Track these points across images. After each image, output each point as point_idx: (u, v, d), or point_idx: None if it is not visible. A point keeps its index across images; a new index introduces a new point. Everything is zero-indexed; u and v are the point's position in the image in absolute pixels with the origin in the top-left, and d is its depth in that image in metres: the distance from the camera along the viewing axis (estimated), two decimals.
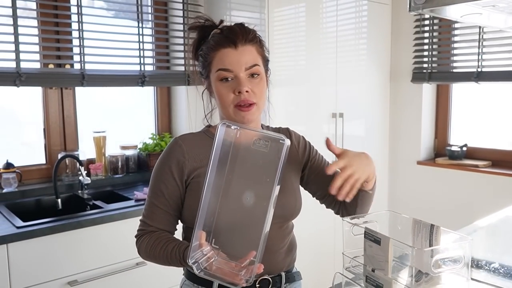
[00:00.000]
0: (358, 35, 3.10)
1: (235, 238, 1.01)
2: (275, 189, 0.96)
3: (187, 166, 1.17)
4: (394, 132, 3.36)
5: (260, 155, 0.99)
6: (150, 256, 1.18)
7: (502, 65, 2.79)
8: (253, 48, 1.17)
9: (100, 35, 2.53)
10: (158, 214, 1.19)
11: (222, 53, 1.15)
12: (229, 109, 1.16)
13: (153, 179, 1.21)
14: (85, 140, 2.68)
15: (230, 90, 1.14)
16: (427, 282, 0.99)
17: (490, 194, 2.84)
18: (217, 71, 1.15)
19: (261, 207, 0.97)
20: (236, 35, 1.15)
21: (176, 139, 1.21)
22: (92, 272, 2.03)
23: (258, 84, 1.16)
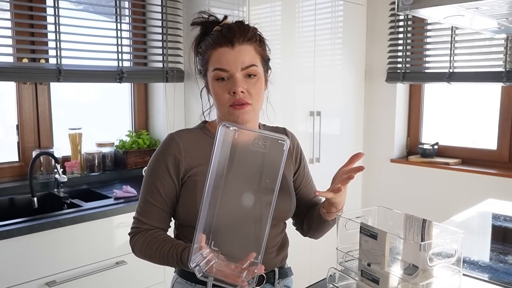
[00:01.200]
0: (334, 35, 3.14)
1: (235, 239, 1.01)
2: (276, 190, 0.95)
3: (183, 164, 1.16)
4: (369, 130, 3.43)
5: (259, 155, 0.99)
6: (145, 255, 1.16)
7: (473, 66, 2.90)
8: (251, 48, 1.15)
9: (78, 29, 2.47)
10: (153, 212, 1.17)
11: (219, 52, 1.13)
12: (224, 109, 1.15)
13: (148, 175, 1.19)
14: (60, 137, 2.60)
15: (225, 90, 1.13)
16: (420, 275, 1.02)
17: (460, 190, 2.95)
18: (214, 71, 1.14)
19: (261, 207, 0.97)
20: (233, 34, 1.13)
21: (172, 135, 1.19)
22: (71, 272, 1.98)
23: (254, 85, 1.14)
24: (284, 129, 1.35)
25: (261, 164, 0.99)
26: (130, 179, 2.67)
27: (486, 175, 2.84)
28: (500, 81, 2.76)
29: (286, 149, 0.95)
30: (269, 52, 1.23)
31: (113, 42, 2.62)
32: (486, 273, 1.37)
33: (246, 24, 1.17)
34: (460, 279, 1.01)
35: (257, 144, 0.98)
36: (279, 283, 1.24)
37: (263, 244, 0.95)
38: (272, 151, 0.97)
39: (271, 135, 0.99)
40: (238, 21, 1.17)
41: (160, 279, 2.27)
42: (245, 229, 1.00)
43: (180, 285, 1.22)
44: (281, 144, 0.96)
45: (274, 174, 0.96)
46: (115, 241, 2.12)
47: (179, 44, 2.90)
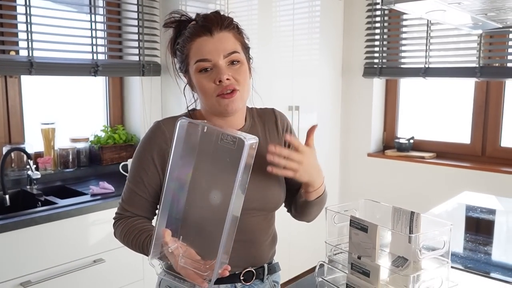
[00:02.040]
0: (312, 30, 3.14)
1: (203, 236, 0.98)
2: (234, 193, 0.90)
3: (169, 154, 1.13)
4: (346, 125, 3.46)
5: (227, 152, 0.94)
6: (124, 242, 1.16)
7: (447, 62, 2.95)
8: (230, 35, 1.12)
9: (50, 20, 2.38)
10: (136, 200, 1.15)
11: (198, 42, 1.09)
12: (211, 100, 1.11)
13: (134, 164, 1.16)
14: (32, 132, 2.51)
15: (210, 80, 1.09)
16: (408, 267, 1.03)
17: (436, 183, 3.01)
18: (196, 63, 1.09)
19: (227, 207, 0.92)
20: (211, 22, 1.09)
21: (158, 124, 1.15)
22: (47, 272, 1.92)
23: (239, 71, 1.11)
24: (273, 109, 1.31)
25: (229, 161, 0.94)
26: (106, 175, 2.60)
27: (460, 168, 2.91)
28: (473, 76, 2.83)
29: (246, 149, 0.89)
30: (248, 40, 1.20)
31: (87, 34, 2.54)
32: (468, 263, 1.40)
33: (222, 14, 1.14)
34: (449, 270, 1.02)
35: (226, 139, 0.94)
36: (268, 279, 1.23)
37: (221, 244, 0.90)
38: (240, 148, 0.91)
39: (233, 134, 0.93)
40: (214, 11, 1.14)
41: (139, 276, 2.22)
42: (212, 227, 0.95)
43: (167, 282, 1.19)
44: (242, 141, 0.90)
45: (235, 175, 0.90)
46: (93, 238, 2.06)
47: (156, 37, 2.84)
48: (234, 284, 1.16)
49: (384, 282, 1.02)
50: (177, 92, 2.83)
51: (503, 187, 2.73)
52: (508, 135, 2.91)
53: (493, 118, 2.92)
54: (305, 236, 2.99)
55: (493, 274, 1.32)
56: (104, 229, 2.10)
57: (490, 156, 2.95)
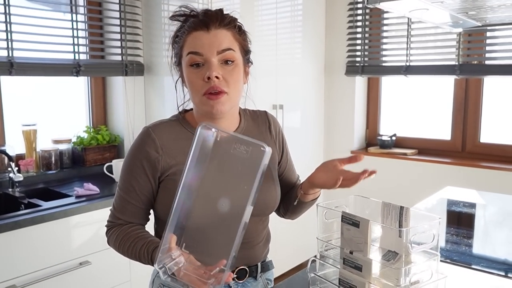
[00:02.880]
0: (294, 28, 3.16)
1: (207, 243, 0.96)
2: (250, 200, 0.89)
3: (160, 163, 1.10)
4: (329, 123, 3.49)
5: (239, 160, 0.92)
6: (119, 250, 1.13)
7: (428, 60, 3.01)
8: (228, 33, 1.09)
9: (31, 20, 2.34)
10: (128, 208, 1.13)
11: (194, 35, 1.07)
12: (198, 98, 1.09)
13: (124, 172, 1.14)
14: (12, 134, 2.46)
15: (200, 77, 1.06)
16: (399, 261, 1.05)
17: (418, 179, 3.06)
18: (188, 55, 1.07)
19: (236, 215, 0.91)
20: (210, 17, 1.07)
21: (148, 131, 1.12)
22: (32, 275, 1.88)
23: (231, 72, 1.07)
24: (265, 112, 1.29)
25: (241, 169, 0.93)
26: (90, 177, 2.57)
27: (441, 164, 2.97)
28: (453, 74, 2.89)
29: (266, 158, 0.88)
30: (250, 43, 1.17)
31: (69, 34, 2.51)
32: (454, 256, 1.43)
33: (226, 13, 1.12)
34: (438, 262, 1.04)
35: (238, 148, 0.92)
36: (261, 277, 1.23)
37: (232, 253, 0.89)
38: (254, 157, 0.90)
39: (252, 141, 0.91)
40: (218, 8, 1.12)
41: (126, 278, 2.20)
42: (219, 234, 0.95)
43: (160, 280, 1.18)
44: (262, 151, 0.89)
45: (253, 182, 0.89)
46: (78, 241, 2.04)
47: (138, 36, 2.82)
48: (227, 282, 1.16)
49: (375, 276, 1.03)
50: (160, 92, 2.81)
51: (483, 181, 2.79)
52: (487, 131, 2.98)
53: (472, 114, 2.99)
54: (289, 233, 3.01)
55: (477, 266, 1.36)
56: (89, 231, 2.07)
57: (470, 151, 3.02)
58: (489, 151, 2.95)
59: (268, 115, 1.29)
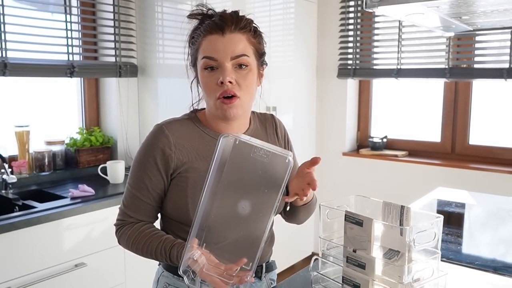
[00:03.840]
0: (286, 32, 3.19)
1: (227, 245, 0.99)
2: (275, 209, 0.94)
3: (173, 160, 1.11)
4: (321, 125, 3.52)
5: (259, 164, 0.95)
6: (131, 249, 1.13)
7: (418, 63, 3.06)
8: (243, 37, 1.10)
9: (24, 20, 2.32)
10: (139, 205, 1.13)
11: (209, 39, 1.09)
12: (212, 101, 1.11)
13: (136, 168, 1.14)
14: (5, 135, 2.44)
15: (213, 81, 1.08)
16: (401, 259, 1.07)
17: (409, 180, 3.11)
18: (203, 59, 1.09)
19: (256, 217, 0.95)
20: (225, 21, 1.08)
21: (161, 127, 1.13)
22: (27, 278, 1.87)
23: (244, 76, 1.09)
24: (272, 116, 1.31)
25: (261, 173, 0.96)
26: (83, 178, 2.56)
27: (431, 165, 3.02)
28: (443, 77, 2.94)
29: (289, 170, 0.93)
30: (265, 45, 1.18)
31: (63, 35, 2.50)
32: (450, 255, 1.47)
33: (242, 15, 1.12)
34: (439, 260, 1.07)
35: (259, 153, 0.94)
36: (265, 277, 1.25)
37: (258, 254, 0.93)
38: (274, 162, 0.94)
39: (276, 151, 0.94)
40: (233, 11, 1.13)
41: (121, 279, 2.20)
42: (238, 236, 0.98)
43: (166, 279, 1.19)
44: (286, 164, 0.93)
45: (273, 186, 0.94)
46: (74, 242, 2.03)
47: (132, 37, 2.82)
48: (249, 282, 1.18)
49: (378, 273, 1.06)
50: (154, 94, 2.81)
51: (472, 182, 2.85)
52: (475, 133, 3.04)
53: (461, 117, 3.05)
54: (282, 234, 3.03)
55: (474, 264, 1.39)
56: (85, 232, 2.06)
57: (459, 153, 3.07)
58: (478, 152, 3.01)
59: (275, 118, 1.32)
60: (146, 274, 1.27)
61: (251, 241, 0.95)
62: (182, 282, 1.16)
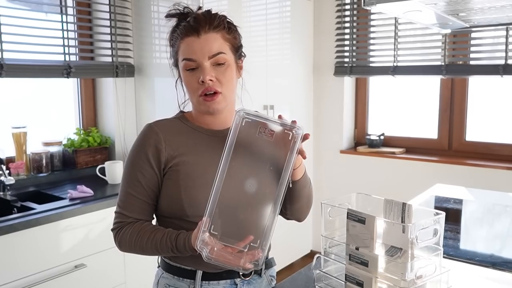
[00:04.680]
0: (283, 30, 3.19)
1: (235, 224, 1.02)
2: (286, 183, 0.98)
3: (164, 155, 1.14)
4: (318, 123, 3.53)
5: (264, 143, 0.99)
6: (135, 247, 1.13)
7: (415, 60, 3.07)
8: (218, 35, 1.14)
9: (20, 21, 2.31)
10: (135, 204, 1.14)
11: (186, 42, 1.13)
12: (195, 98, 1.15)
13: (129, 167, 1.16)
14: (2, 136, 2.43)
15: (195, 80, 1.13)
16: (404, 256, 1.08)
17: (407, 177, 3.12)
18: (183, 61, 1.14)
19: (263, 195, 0.99)
20: (199, 22, 1.12)
21: (151, 126, 1.17)
22: (27, 279, 1.86)
23: (223, 73, 1.14)
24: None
25: (266, 152, 1.01)
26: (82, 179, 2.55)
27: (429, 162, 3.03)
28: (439, 74, 2.95)
29: (299, 139, 0.98)
30: (240, 38, 1.22)
31: (59, 35, 2.48)
32: (450, 251, 1.47)
33: (214, 13, 1.16)
34: (441, 257, 1.08)
35: (264, 132, 0.99)
36: (265, 273, 1.25)
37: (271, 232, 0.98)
38: (279, 140, 0.99)
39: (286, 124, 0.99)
40: (206, 10, 1.16)
41: (121, 280, 2.19)
42: (246, 215, 1.01)
43: (166, 280, 1.19)
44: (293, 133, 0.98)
45: (280, 163, 0.99)
46: (73, 243, 2.02)
47: (129, 37, 2.81)
48: (233, 280, 1.18)
49: (381, 271, 1.06)
50: (151, 93, 2.81)
51: (469, 178, 2.86)
52: (472, 129, 3.05)
53: (458, 113, 3.06)
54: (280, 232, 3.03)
55: (474, 260, 1.40)
56: (84, 233, 2.06)
57: (456, 150, 3.09)
58: (474, 149, 3.02)
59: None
60: (146, 274, 1.27)
61: (259, 221, 0.99)
62: (182, 282, 1.16)
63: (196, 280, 1.15)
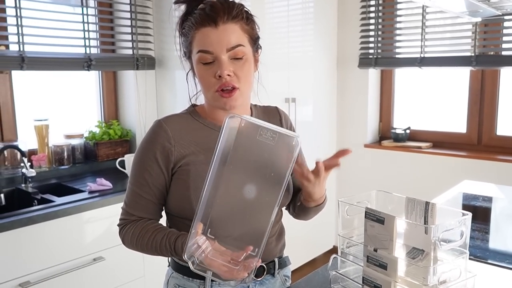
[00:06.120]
0: (306, 21, 3.11)
1: (232, 230, 0.96)
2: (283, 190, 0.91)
3: (173, 154, 1.08)
4: (342, 116, 3.45)
5: (266, 147, 0.92)
6: (137, 246, 1.10)
7: (443, 51, 2.95)
8: (236, 26, 1.05)
9: (41, 13, 2.32)
10: (141, 203, 1.10)
11: (202, 32, 1.04)
12: (210, 94, 1.08)
13: (136, 165, 1.12)
14: (24, 129, 2.45)
15: (211, 74, 1.05)
16: (426, 258, 1.01)
17: (433, 173, 3.02)
18: (198, 53, 1.05)
19: (263, 201, 0.93)
20: (217, 12, 1.03)
21: (160, 122, 1.11)
22: (46, 271, 1.88)
23: (242, 67, 1.06)
24: (276, 108, 1.28)
25: (267, 156, 0.93)
26: (102, 172, 2.56)
27: (457, 157, 2.92)
28: (469, 65, 2.83)
29: (298, 150, 0.90)
30: (258, 30, 1.14)
31: (79, 28, 2.48)
32: (477, 253, 1.40)
33: (231, 1, 1.07)
34: (467, 260, 1.01)
35: (265, 135, 0.91)
36: (279, 273, 1.21)
37: (264, 239, 0.91)
38: (281, 145, 0.91)
39: (284, 132, 0.91)
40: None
41: (140, 273, 2.19)
42: (244, 220, 0.95)
43: (176, 280, 1.16)
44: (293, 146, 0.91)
45: (280, 170, 0.92)
46: (92, 236, 2.02)
47: (149, 30, 2.79)
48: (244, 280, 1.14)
49: (400, 274, 1.00)
50: (172, 86, 2.79)
51: (500, 175, 2.74)
52: (503, 123, 2.92)
53: (488, 106, 2.93)
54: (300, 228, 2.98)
55: (505, 263, 1.32)
56: (103, 226, 2.06)
57: (486, 144, 2.96)
58: (506, 144, 2.89)
59: (279, 110, 1.29)
60: (165, 268, 1.24)
61: (258, 227, 0.92)
62: (192, 283, 1.13)
63: (206, 281, 1.11)
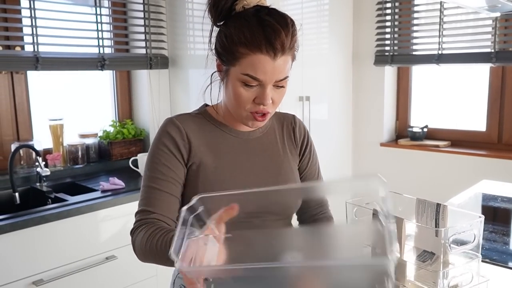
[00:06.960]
0: (320, 18, 3.07)
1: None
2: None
3: (186, 149, 1.06)
4: (357, 114, 3.39)
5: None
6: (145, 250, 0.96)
7: (461, 48, 2.87)
8: (289, 57, 1.01)
9: (55, 14, 2.34)
10: (160, 198, 1.02)
11: (257, 59, 0.97)
12: (241, 113, 1.05)
13: (150, 161, 1.07)
14: (39, 128, 2.48)
15: (250, 96, 1.01)
16: (436, 262, 0.98)
17: (452, 172, 2.94)
18: (244, 75, 0.99)
19: None
20: (279, 42, 0.97)
21: (172, 120, 1.09)
22: (59, 270, 1.89)
23: (280, 93, 1.04)
24: (293, 116, 1.26)
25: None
26: (116, 171, 2.57)
27: (476, 156, 2.84)
28: (489, 61, 2.74)
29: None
30: (296, 51, 1.07)
31: (93, 28, 2.50)
32: (494, 255, 1.35)
33: (291, 24, 1.01)
34: (479, 264, 0.97)
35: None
36: None
37: None
38: None
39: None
40: (280, 16, 1.00)
41: (152, 273, 2.20)
42: None
43: (182, 281, 1.15)
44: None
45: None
46: (104, 235, 2.03)
47: (162, 29, 2.79)
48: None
49: (410, 278, 0.97)
50: (185, 85, 2.79)
51: None
52: None
53: (509, 104, 2.84)
54: None
55: None
56: (115, 225, 2.07)
57: (507, 143, 2.87)
58: None
59: (296, 118, 1.26)
60: (172, 273, 1.23)
61: None
62: None
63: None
